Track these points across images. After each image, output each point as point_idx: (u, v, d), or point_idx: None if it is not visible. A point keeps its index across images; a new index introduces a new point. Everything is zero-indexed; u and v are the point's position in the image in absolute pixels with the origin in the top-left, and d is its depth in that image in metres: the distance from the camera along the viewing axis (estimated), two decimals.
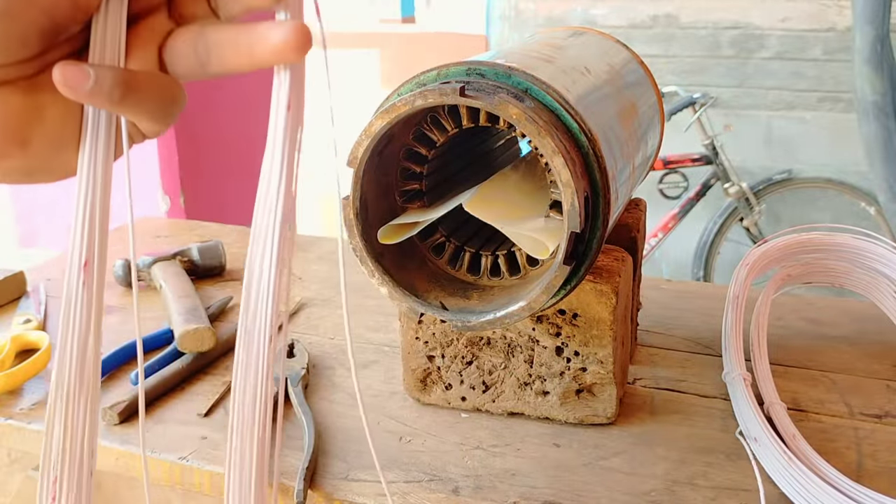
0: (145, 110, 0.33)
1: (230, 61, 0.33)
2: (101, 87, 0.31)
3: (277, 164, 0.33)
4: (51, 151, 0.34)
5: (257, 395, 0.35)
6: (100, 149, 0.34)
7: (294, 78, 0.33)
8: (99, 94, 0.31)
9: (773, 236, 0.78)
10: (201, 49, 0.33)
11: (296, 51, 0.31)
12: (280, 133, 0.33)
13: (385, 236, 0.57)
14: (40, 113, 0.33)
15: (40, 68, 0.33)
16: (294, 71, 0.33)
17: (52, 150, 0.34)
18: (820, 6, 2.71)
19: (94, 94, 0.31)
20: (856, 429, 0.65)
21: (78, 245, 0.35)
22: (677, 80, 2.84)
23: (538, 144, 0.50)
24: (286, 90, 0.33)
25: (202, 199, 1.52)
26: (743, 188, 2.62)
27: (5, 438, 0.68)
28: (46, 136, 0.33)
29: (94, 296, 0.35)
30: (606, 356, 0.63)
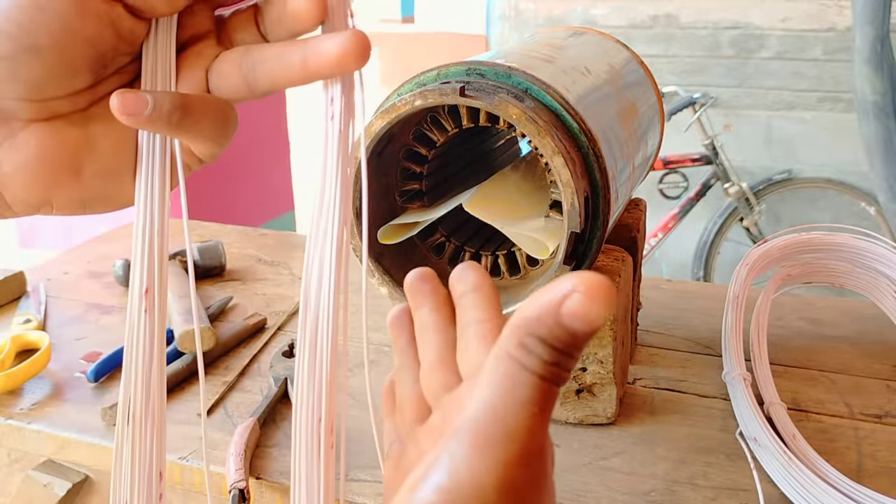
0: (202, 132, 0.33)
1: (280, 77, 0.33)
2: (160, 112, 0.31)
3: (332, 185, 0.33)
4: (104, 182, 0.34)
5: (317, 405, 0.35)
6: (156, 177, 0.34)
7: (345, 91, 0.33)
8: (158, 119, 0.32)
9: (773, 236, 0.78)
10: (246, 68, 0.33)
11: (357, 59, 0.31)
12: (334, 150, 0.33)
13: (385, 236, 0.57)
14: (93, 144, 0.33)
15: (92, 101, 0.33)
16: (345, 84, 0.33)
17: (106, 180, 0.34)
18: (820, 6, 2.71)
19: (153, 120, 0.31)
20: (856, 429, 0.65)
21: (139, 273, 0.35)
22: (677, 80, 2.84)
23: (538, 144, 0.50)
24: (337, 106, 0.33)
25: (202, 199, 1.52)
26: (743, 188, 2.62)
27: (5, 438, 0.68)
28: (99, 166, 0.34)
29: (156, 321, 0.35)
30: (606, 356, 0.63)
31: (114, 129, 0.33)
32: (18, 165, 0.32)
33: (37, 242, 1.61)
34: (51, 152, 0.32)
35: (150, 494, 0.36)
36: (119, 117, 0.31)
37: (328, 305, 0.34)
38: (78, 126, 0.33)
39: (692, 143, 2.63)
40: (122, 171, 0.34)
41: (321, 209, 0.33)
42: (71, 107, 0.33)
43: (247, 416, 0.66)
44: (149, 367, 0.35)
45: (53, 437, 0.66)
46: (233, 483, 0.57)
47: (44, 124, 0.32)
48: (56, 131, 0.32)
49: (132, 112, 0.31)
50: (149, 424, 0.35)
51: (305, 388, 0.35)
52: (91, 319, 0.86)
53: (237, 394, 0.71)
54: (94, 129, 0.33)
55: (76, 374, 0.74)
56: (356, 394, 0.70)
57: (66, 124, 0.33)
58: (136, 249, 0.35)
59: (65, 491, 0.66)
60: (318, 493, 0.35)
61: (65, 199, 0.34)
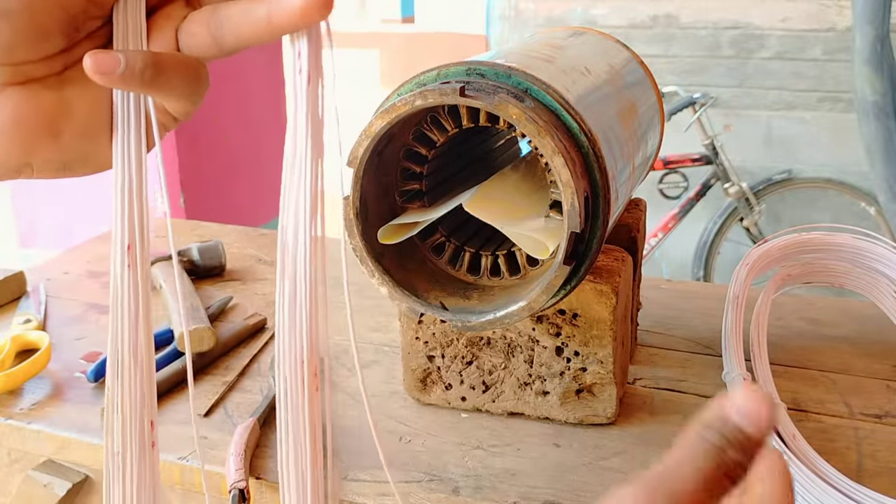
0: (174, 89, 0.34)
1: (246, 33, 0.33)
2: (132, 70, 0.32)
3: (302, 143, 0.33)
4: (82, 143, 0.35)
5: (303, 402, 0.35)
6: (132, 136, 0.35)
7: (312, 46, 0.33)
8: (131, 77, 0.32)
9: (773, 236, 0.78)
10: (214, 26, 0.34)
11: (320, 10, 0.31)
12: (302, 108, 0.33)
13: (385, 236, 0.57)
14: (69, 106, 0.34)
15: (66, 64, 0.34)
16: (311, 38, 0.33)
17: (84, 141, 0.35)
18: (820, 6, 2.71)
19: (126, 78, 0.32)
20: (856, 429, 0.65)
21: (119, 231, 0.36)
22: (677, 80, 2.84)
23: (538, 144, 0.50)
24: (305, 61, 0.33)
25: (202, 199, 1.52)
26: (743, 188, 2.62)
27: (5, 438, 0.68)
28: (76, 127, 0.35)
29: (139, 277, 0.36)
30: (606, 356, 0.63)
31: (89, 91, 0.34)
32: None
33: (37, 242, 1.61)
34: (28, 115, 0.33)
35: (142, 442, 0.37)
36: (93, 77, 0.32)
37: (304, 261, 0.35)
38: (53, 89, 0.34)
39: (692, 143, 2.63)
40: (99, 133, 0.35)
41: (292, 167, 0.34)
42: (45, 70, 0.33)
43: (247, 416, 0.66)
44: (135, 321, 0.36)
45: (53, 437, 0.66)
46: (233, 483, 0.57)
47: (19, 88, 0.33)
48: (32, 95, 0.33)
49: (105, 71, 0.32)
50: (137, 376, 0.36)
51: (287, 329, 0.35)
52: (91, 319, 0.86)
53: (237, 394, 0.71)
54: (69, 92, 0.34)
55: (76, 374, 0.74)
56: (356, 394, 0.70)
57: (41, 88, 0.33)
58: (116, 208, 0.36)
59: (65, 491, 0.66)
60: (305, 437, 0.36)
61: (44, 161, 0.34)
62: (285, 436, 0.36)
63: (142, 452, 0.37)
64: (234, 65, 1.55)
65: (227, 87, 1.53)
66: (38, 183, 1.54)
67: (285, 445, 0.36)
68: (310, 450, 0.36)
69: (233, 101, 1.55)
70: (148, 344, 0.37)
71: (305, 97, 0.33)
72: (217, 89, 1.51)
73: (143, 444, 0.37)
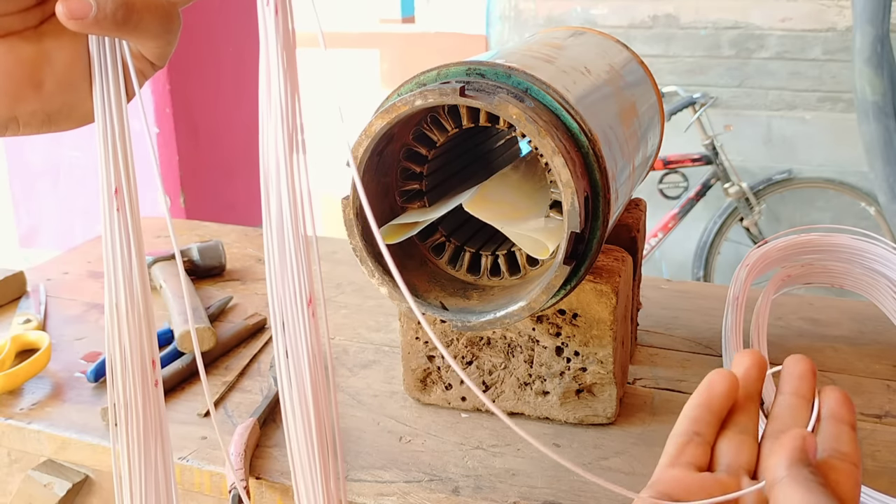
0: (147, 30, 0.34)
1: None
2: (104, 13, 0.33)
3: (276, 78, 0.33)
4: (65, 94, 0.36)
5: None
6: (110, 83, 0.36)
7: None
8: (104, 20, 0.33)
9: (773, 237, 0.78)
10: None
11: None
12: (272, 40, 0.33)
13: (385, 236, 0.57)
14: (48, 57, 0.35)
15: (42, 18, 0.35)
16: None
17: (66, 91, 0.36)
18: (820, 6, 2.71)
19: (99, 21, 0.33)
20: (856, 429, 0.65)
21: (106, 176, 0.36)
22: (677, 80, 2.84)
23: (538, 144, 0.50)
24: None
25: (202, 199, 1.52)
26: (743, 188, 2.62)
27: (5, 438, 0.68)
28: (57, 77, 0.35)
29: (129, 219, 0.37)
30: (606, 356, 0.63)
31: (67, 41, 0.35)
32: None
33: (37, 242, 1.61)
34: (9, 68, 0.34)
35: (144, 379, 0.37)
36: (66, 23, 0.33)
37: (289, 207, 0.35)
38: (32, 42, 0.35)
39: (692, 143, 2.63)
40: (80, 82, 0.36)
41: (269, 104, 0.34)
42: (22, 24, 0.34)
43: (247, 416, 0.66)
44: (129, 264, 0.36)
45: (53, 437, 0.66)
46: (233, 483, 0.57)
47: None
48: (11, 48, 0.34)
49: (78, 16, 0.32)
50: (135, 315, 0.37)
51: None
52: (91, 319, 0.86)
53: (237, 394, 0.71)
54: (48, 43, 0.35)
55: (76, 374, 0.74)
56: (356, 394, 0.70)
57: (20, 41, 0.34)
58: (101, 153, 0.36)
59: (65, 491, 0.66)
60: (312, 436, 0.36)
61: (29, 113, 0.35)
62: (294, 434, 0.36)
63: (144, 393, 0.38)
64: (235, 64, 1.55)
65: (226, 87, 1.53)
66: (38, 183, 1.54)
67: (294, 443, 0.36)
68: (318, 451, 0.36)
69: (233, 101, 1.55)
70: (144, 286, 0.37)
71: (275, 31, 0.33)
72: (217, 89, 1.51)
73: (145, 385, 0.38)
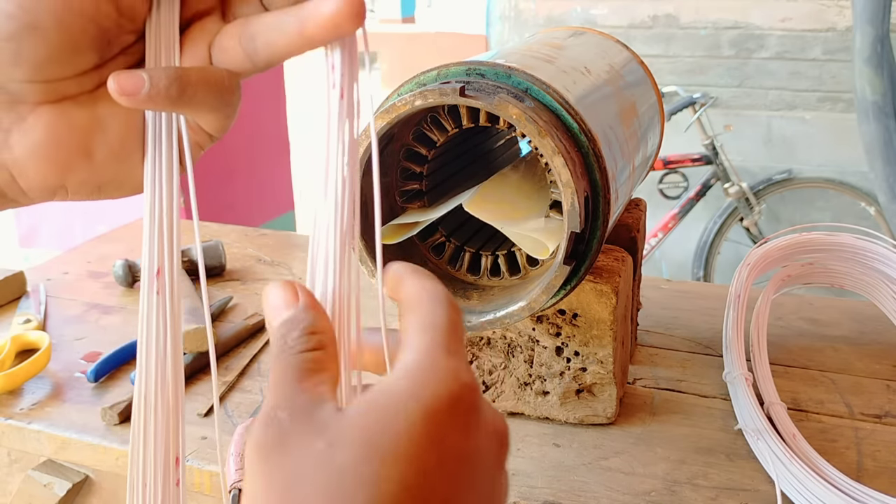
0: (204, 104, 0.33)
1: (279, 46, 0.32)
2: (157, 88, 0.31)
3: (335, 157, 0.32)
4: (116, 164, 0.34)
5: None
6: (164, 156, 0.34)
7: (346, 58, 0.32)
8: (157, 95, 0.31)
9: (773, 236, 0.78)
10: (245, 40, 0.33)
11: (351, 20, 0.30)
12: (335, 123, 0.32)
13: (385, 236, 0.57)
14: (102, 125, 0.33)
15: (98, 82, 0.33)
16: (345, 50, 0.32)
17: (118, 162, 0.34)
18: (820, 6, 2.71)
19: (152, 97, 0.31)
20: (856, 429, 0.65)
21: (148, 255, 0.35)
22: (677, 80, 2.84)
23: (538, 144, 0.50)
24: (339, 74, 0.32)
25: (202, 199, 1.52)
26: (743, 188, 2.62)
27: (5, 438, 0.68)
28: (110, 147, 0.34)
29: (167, 301, 0.35)
30: (606, 356, 0.63)
31: (122, 109, 0.33)
32: (30, 150, 0.32)
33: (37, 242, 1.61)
34: (61, 135, 0.33)
35: (166, 479, 0.35)
36: (118, 99, 0.31)
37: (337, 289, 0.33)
38: (86, 108, 0.33)
39: (692, 143, 2.63)
40: (133, 153, 0.34)
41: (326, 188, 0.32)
42: (78, 88, 0.33)
43: (247, 416, 0.66)
44: (163, 352, 0.35)
45: (53, 437, 0.66)
46: (233, 483, 0.57)
47: (52, 107, 0.32)
48: (64, 113, 0.33)
49: (130, 92, 0.31)
50: (164, 408, 0.35)
51: None
52: (91, 319, 0.86)
53: (237, 394, 0.71)
54: (102, 110, 0.33)
55: (76, 374, 0.74)
56: None
57: (74, 106, 0.33)
58: (146, 231, 0.35)
59: (65, 491, 0.66)
60: None
61: (79, 182, 0.34)
62: None
63: (164, 491, 0.35)
64: None
65: None
66: None
67: None
68: None
69: None
70: (176, 376, 0.35)
71: (338, 114, 0.32)
72: None
73: (166, 482, 0.35)
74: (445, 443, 0.25)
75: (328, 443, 0.25)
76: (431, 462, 0.25)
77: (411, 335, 0.29)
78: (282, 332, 0.29)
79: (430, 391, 0.26)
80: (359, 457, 0.24)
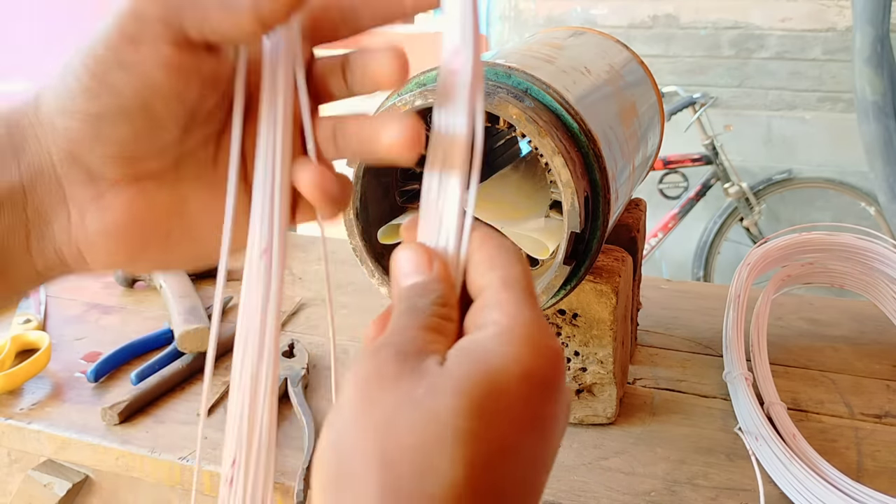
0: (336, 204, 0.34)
1: (357, 152, 0.34)
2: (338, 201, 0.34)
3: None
4: (191, 245, 0.34)
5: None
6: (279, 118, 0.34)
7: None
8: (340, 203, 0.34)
9: (773, 236, 0.78)
10: (340, 139, 0.34)
11: (408, 149, 0.32)
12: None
13: (385, 236, 0.57)
14: (183, 206, 0.33)
15: (180, 156, 0.32)
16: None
17: (192, 243, 0.34)
18: (820, 6, 2.71)
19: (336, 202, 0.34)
20: (856, 429, 0.65)
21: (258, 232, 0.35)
22: (677, 80, 2.84)
23: (538, 144, 0.50)
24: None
25: None
26: (743, 188, 2.62)
27: (5, 438, 0.68)
28: (187, 229, 0.33)
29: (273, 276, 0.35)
30: (606, 356, 0.63)
31: (204, 185, 0.33)
32: (105, 229, 0.31)
33: None
34: (139, 216, 0.32)
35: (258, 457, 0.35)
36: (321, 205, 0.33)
37: None
38: (167, 186, 0.32)
39: (692, 143, 2.63)
40: (210, 233, 0.34)
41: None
42: (159, 164, 0.32)
43: None
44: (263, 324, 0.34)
45: (53, 437, 0.66)
46: None
47: (132, 185, 0.31)
48: (145, 193, 0.32)
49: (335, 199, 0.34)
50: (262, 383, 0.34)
51: None
52: (91, 319, 0.86)
53: None
54: (184, 188, 0.33)
55: (76, 374, 0.74)
56: None
57: (155, 184, 0.32)
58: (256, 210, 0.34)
59: (65, 491, 0.66)
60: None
61: (147, 262, 0.33)
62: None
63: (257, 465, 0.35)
64: None
65: None
66: None
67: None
68: None
69: None
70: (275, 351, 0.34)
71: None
72: None
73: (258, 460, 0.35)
74: (542, 409, 0.27)
75: (429, 391, 0.26)
76: (526, 426, 0.26)
77: (496, 291, 0.29)
78: (410, 294, 0.30)
79: (531, 358, 0.27)
80: (460, 410, 0.25)
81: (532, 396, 0.26)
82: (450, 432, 0.25)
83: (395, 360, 0.27)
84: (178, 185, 0.33)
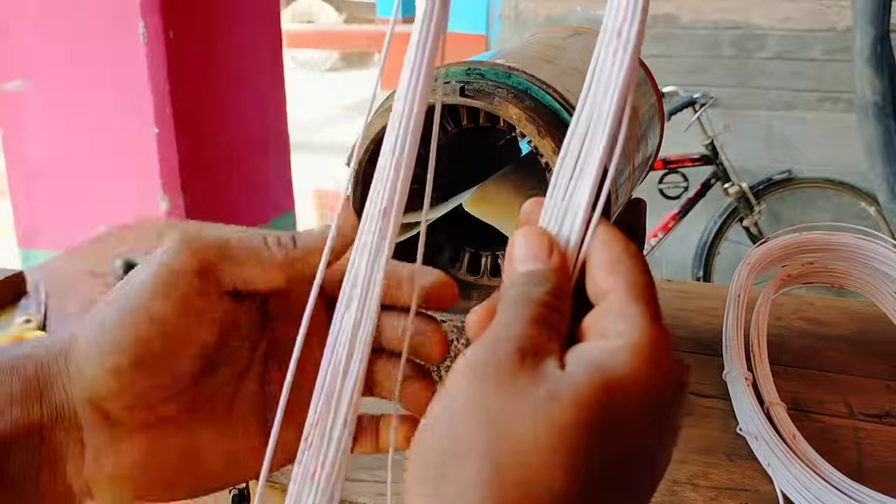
0: None
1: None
2: None
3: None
4: (195, 481, 0.33)
5: None
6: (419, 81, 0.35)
7: None
8: None
9: (773, 236, 0.77)
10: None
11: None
12: None
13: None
14: (195, 449, 0.33)
15: (196, 398, 0.32)
16: None
17: (198, 480, 0.33)
18: (820, 6, 2.71)
19: None
20: (856, 429, 0.65)
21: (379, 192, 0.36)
22: (677, 80, 2.84)
23: (538, 145, 0.50)
24: None
25: (202, 199, 1.52)
26: (743, 188, 2.62)
27: None
28: (196, 470, 0.33)
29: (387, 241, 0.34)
30: None
31: (217, 428, 0.33)
32: (117, 473, 0.32)
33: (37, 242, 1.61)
34: (153, 459, 0.32)
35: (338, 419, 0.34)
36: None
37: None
38: (183, 430, 0.32)
39: (692, 143, 2.63)
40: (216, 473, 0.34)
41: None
42: (176, 407, 0.32)
43: None
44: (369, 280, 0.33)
45: None
46: None
47: (149, 432, 0.32)
48: (160, 436, 0.32)
49: None
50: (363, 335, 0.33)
51: None
52: None
53: None
54: (200, 434, 0.33)
55: None
56: None
57: (170, 429, 0.32)
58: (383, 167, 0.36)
59: None
60: None
61: (152, 496, 0.33)
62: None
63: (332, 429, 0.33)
64: (236, 62, 1.55)
65: (227, 86, 1.53)
66: (39, 182, 1.54)
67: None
68: None
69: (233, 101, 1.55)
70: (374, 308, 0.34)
71: None
72: (217, 88, 1.50)
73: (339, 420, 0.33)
74: (656, 436, 0.27)
75: (550, 395, 0.25)
76: (638, 450, 0.26)
77: (623, 299, 0.27)
78: (524, 282, 0.29)
79: (655, 382, 0.26)
80: (578, 423, 0.24)
81: (649, 422, 0.26)
82: (565, 444, 0.24)
83: (513, 356, 0.26)
84: (192, 428, 0.33)
